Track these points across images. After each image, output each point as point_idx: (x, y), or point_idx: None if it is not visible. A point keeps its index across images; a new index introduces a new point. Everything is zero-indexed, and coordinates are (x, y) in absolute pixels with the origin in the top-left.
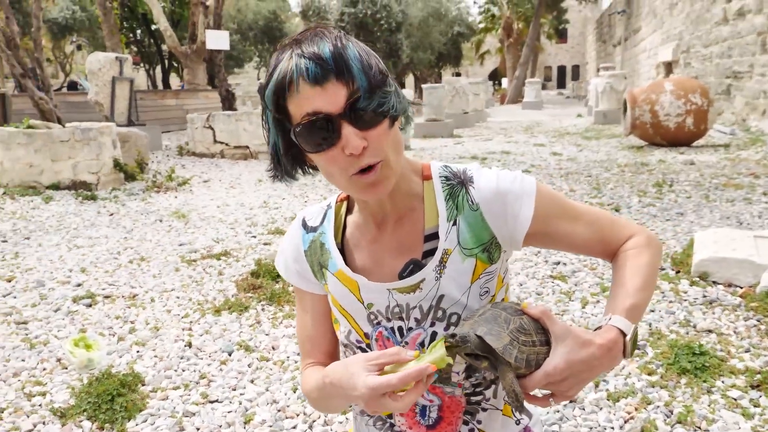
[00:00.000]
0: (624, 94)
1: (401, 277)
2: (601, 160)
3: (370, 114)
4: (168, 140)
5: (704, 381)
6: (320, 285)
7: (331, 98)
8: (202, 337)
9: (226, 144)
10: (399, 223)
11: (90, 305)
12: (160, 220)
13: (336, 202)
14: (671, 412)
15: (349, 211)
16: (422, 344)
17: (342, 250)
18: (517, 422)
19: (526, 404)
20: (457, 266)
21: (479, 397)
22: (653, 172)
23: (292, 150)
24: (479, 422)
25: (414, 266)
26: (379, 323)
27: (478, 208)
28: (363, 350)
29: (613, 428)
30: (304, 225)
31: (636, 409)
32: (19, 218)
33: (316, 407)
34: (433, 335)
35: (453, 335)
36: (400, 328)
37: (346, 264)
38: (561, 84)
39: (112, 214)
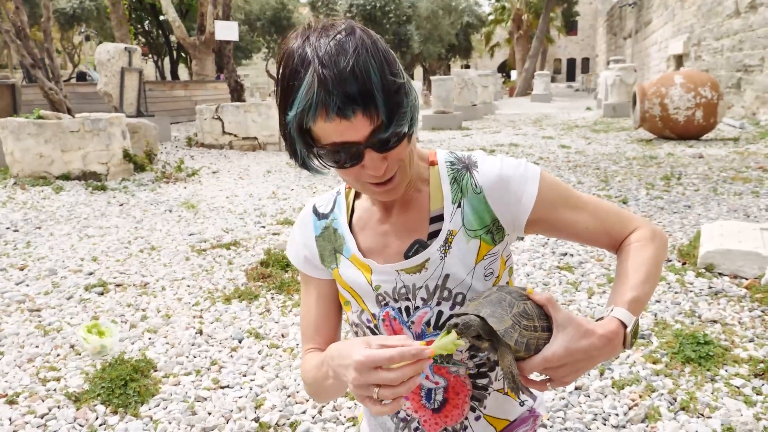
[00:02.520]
0: (634, 87)
1: (407, 257)
2: (609, 153)
3: (393, 140)
4: (177, 131)
5: (708, 370)
6: (327, 270)
7: (357, 130)
8: (213, 324)
9: (235, 135)
10: (405, 206)
11: (102, 293)
12: (170, 211)
13: (345, 188)
14: (675, 399)
15: (357, 195)
16: (428, 323)
17: (351, 232)
18: (522, 403)
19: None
20: (462, 246)
21: (485, 380)
22: (662, 165)
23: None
24: (484, 407)
25: (419, 246)
26: (386, 304)
27: (481, 191)
28: (372, 330)
29: (617, 415)
30: (316, 212)
31: (640, 397)
32: (30, 208)
33: (309, 391)
34: (439, 314)
35: (455, 324)
36: (407, 308)
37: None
38: (570, 77)
39: (122, 205)
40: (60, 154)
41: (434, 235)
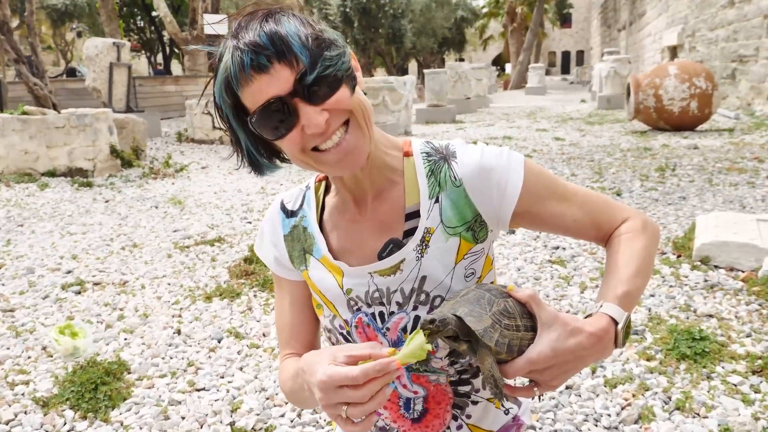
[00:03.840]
0: (628, 79)
1: (380, 257)
2: (603, 145)
3: (323, 86)
4: (168, 127)
5: (704, 367)
6: (297, 272)
7: (279, 81)
8: (192, 324)
9: (225, 130)
10: (378, 201)
11: (79, 292)
12: (156, 207)
13: (315, 182)
14: (669, 398)
15: (327, 191)
16: (404, 330)
17: (321, 232)
18: (506, 412)
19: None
20: (440, 245)
21: (467, 387)
22: (656, 157)
23: (261, 143)
24: (469, 417)
25: (394, 246)
26: (359, 309)
27: (461, 184)
28: (345, 337)
29: (609, 415)
30: (284, 209)
31: (633, 396)
32: (14, 205)
33: (290, 400)
34: (416, 320)
35: (432, 320)
36: (381, 314)
37: (327, 247)
38: (565, 69)
39: (107, 201)
40: (45, 150)
41: (410, 233)
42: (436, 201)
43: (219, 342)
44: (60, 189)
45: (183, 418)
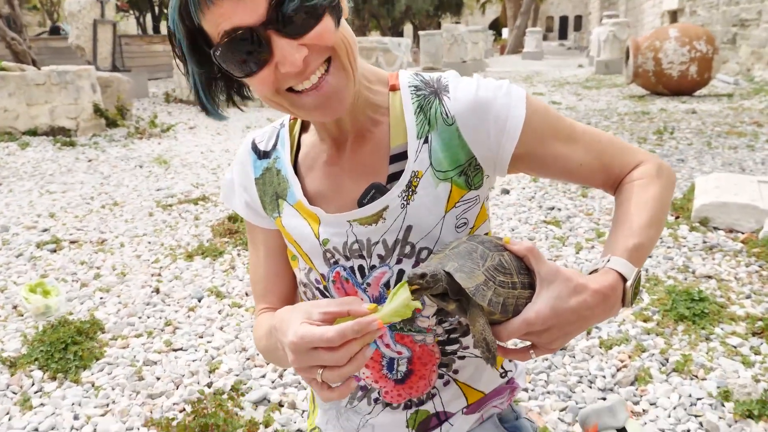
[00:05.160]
0: (627, 43)
1: (361, 204)
2: (600, 109)
3: (302, 14)
4: (156, 87)
5: (702, 328)
6: (270, 219)
7: (249, 6)
8: (171, 282)
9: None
10: (360, 141)
11: (54, 250)
12: (141, 166)
13: (290, 119)
14: (667, 360)
15: (304, 129)
16: (387, 285)
17: (296, 175)
18: (503, 374)
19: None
20: (429, 191)
21: (455, 346)
22: (654, 120)
23: (219, 77)
24: (456, 372)
25: (376, 191)
26: (336, 262)
27: (453, 122)
28: (322, 293)
29: (604, 377)
30: (255, 150)
31: (629, 357)
32: None
33: (266, 359)
34: (400, 274)
35: (422, 275)
36: (361, 267)
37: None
38: (563, 35)
39: (90, 161)
40: (25, 108)
41: (395, 177)
42: (425, 141)
43: (199, 301)
44: (42, 148)
45: (158, 378)
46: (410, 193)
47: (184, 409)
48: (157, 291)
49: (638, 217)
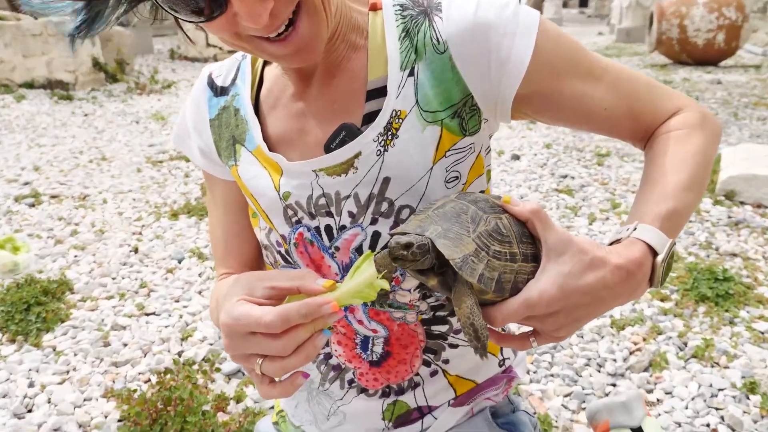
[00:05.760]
0: (652, 8)
1: (328, 149)
2: None
3: None
4: (161, 44)
5: (726, 311)
6: (226, 168)
7: None
8: (152, 242)
9: (220, 48)
10: (332, 73)
11: (33, 205)
12: (137, 122)
13: None
14: (685, 344)
15: (268, 61)
16: (359, 251)
17: (257, 115)
18: (501, 362)
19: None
20: (413, 136)
21: (443, 327)
22: (676, 90)
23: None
24: (446, 362)
25: (346, 134)
26: (299, 221)
27: (446, 49)
28: (284, 257)
29: (615, 360)
30: (211, 85)
31: (644, 340)
32: None
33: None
34: (375, 237)
35: (407, 245)
36: (328, 228)
37: (262, 135)
38: (583, 2)
39: (86, 115)
40: (21, 59)
41: (372, 118)
42: (411, 74)
43: (179, 262)
44: (38, 101)
45: (125, 345)
46: (389, 138)
47: (149, 380)
48: (136, 250)
49: (674, 177)
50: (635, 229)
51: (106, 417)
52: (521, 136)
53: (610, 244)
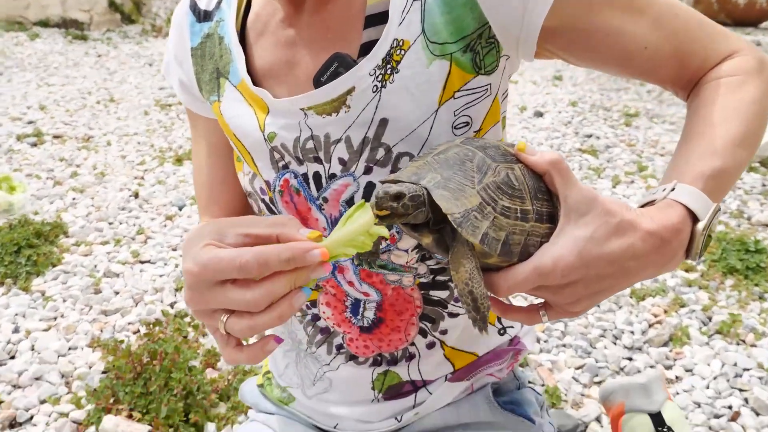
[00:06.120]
0: None
1: (318, 84)
2: None
3: None
4: None
5: (756, 285)
6: (208, 105)
7: None
8: (154, 187)
9: None
10: None
11: (35, 144)
12: (150, 65)
13: None
14: (710, 318)
15: None
16: (350, 203)
17: (243, 44)
18: (502, 331)
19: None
20: (417, 71)
21: (443, 294)
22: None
23: None
24: (444, 332)
25: (339, 65)
26: (286, 167)
27: None
28: (269, 207)
29: (633, 333)
30: (194, 9)
31: (665, 312)
32: None
33: None
34: (369, 188)
35: (397, 196)
36: (316, 175)
37: (248, 67)
38: None
39: (100, 56)
40: None
41: (370, 48)
42: None
43: (180, 210)
44: (51, 40)
45: (116, 293)
46: (388, 72)
47: (138, 331)
48: (136, 195)
49: (724, 130)
50: (673, 189)
51: (90, 367)
52: (546, 93)
53: (642, 206)
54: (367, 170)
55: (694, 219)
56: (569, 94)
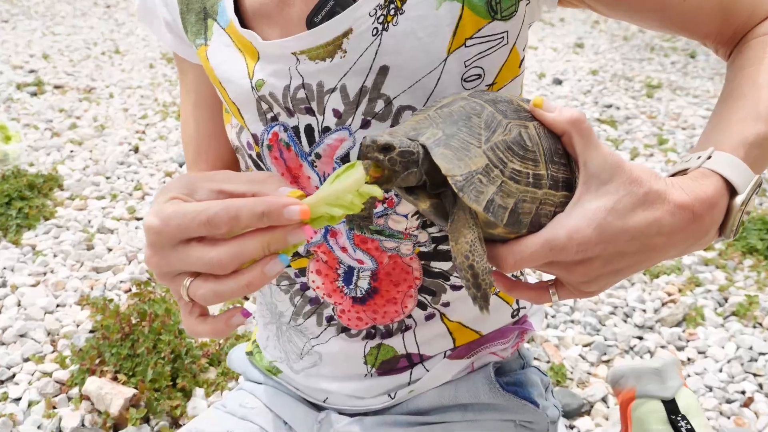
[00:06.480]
0: None
1: (311, 24)
2: None
3: None
4: None
5: None
6: (194, 49)
7: None
8: (155, 142)
9: None
10: None
11: (35, 94)
12: None
13: None
14: (726, 300)
15: None
16: (344, 160)
17: None
18: (515, 312)
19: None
20: (424, 13)
21: (445, 265)
22: None
23: None
24: (446, 305)
25: (335, 3)
26: (275, 118)
27: None
28: (256, 163)
29: (645, 311)
30: None
31: (680, 291)
32: (5, 1)
33: None
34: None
35: (385, 147)
36: (308, 129)
37: (236, 8)
38: None
39: (108, 6)
40: None
41: None
42: None
43: (180, 166)
44: None
45: (109, 250)
46: (391, 12)
47: (130, 290)
48: (136, 150)
49: None
50: (709, 157)
51: (78, 326)
52: (566, 60)
53: (673, 175)
54: (365, 124)
55: (732, 192)
56: (590, 63)
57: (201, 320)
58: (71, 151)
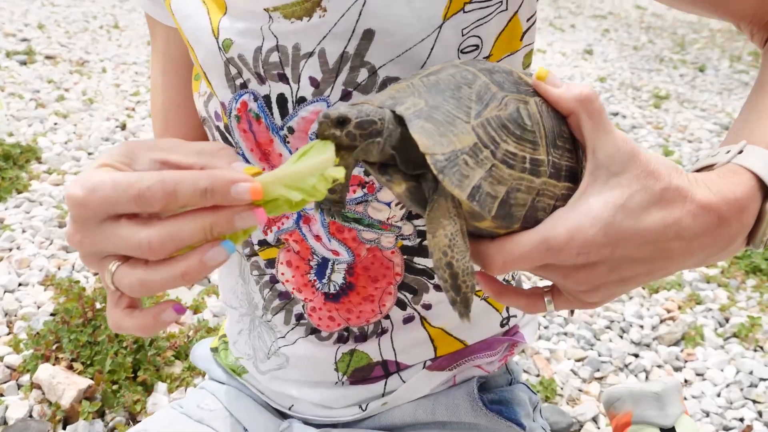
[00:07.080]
0: None
1: None
2: (690, 21)
3: None
4: None
5: None
6: (161, 1)
7: None
8: (144, 120)
9: None
10: None
11: (24, 63)
12: None
13: None
14: (727, 320)
15: None
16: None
17: None
18: (505, 321)
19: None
20: None
21: (431, 262)
22: (749, 42)
23: None
24: (427, 307)
25: None
26: (244, 85)
27: None
28: (223, 135)
29: (642, 327)
30: None
31: (679, 308)
32: None
33: None
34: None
35: (340, 120)
36: (281, 98)
37: None
38: None
39: None
40: None
41: None
42: None
43: None
44: None
45: None
46: None
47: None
48: (123, 127)
49: None
50: (741, 151)
51: (39, 308)
52: (574, 65)
53: (698, 171)
54: (345, 95)
55: (765, 194)
56: (598, 70)
57: (128, 313)
58: (55, 124)
